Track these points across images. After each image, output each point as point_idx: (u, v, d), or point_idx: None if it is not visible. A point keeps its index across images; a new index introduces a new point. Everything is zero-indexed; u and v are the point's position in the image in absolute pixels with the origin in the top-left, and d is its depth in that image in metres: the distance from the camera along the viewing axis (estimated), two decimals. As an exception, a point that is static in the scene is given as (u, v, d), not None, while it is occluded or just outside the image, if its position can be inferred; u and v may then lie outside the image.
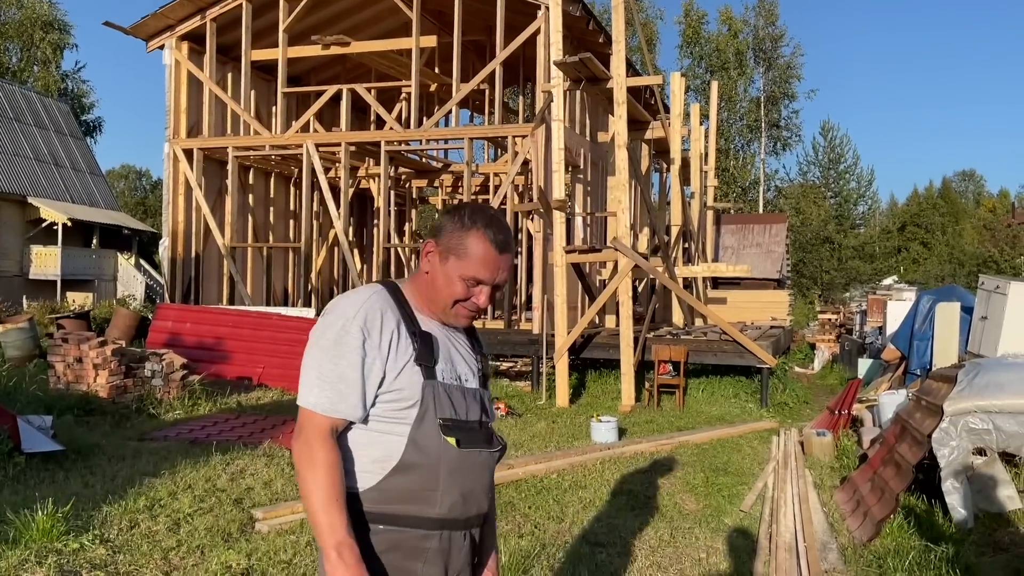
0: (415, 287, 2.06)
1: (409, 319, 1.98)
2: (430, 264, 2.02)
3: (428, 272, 2.02)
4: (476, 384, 2.09)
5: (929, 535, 5.38)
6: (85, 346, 9.78)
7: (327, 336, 1.91)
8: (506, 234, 2.01)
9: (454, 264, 1.97)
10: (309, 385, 1.91)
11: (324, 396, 1.88)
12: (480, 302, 2.01)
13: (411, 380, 1.92)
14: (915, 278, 37.21)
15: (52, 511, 5.00)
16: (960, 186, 63.34)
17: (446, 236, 1.99)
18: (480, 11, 16.92)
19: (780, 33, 44.90)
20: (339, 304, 1.96)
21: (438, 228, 2.04)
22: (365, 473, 1.94)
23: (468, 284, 1.98)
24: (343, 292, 2.10)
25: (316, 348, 1.92)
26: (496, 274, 1.99)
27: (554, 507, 6.17)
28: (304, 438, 1.89)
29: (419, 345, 1.95)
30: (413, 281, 2.07)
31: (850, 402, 9.95)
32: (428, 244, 2.04)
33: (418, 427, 1.92)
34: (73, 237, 27.97)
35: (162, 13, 17.11)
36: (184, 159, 17.30)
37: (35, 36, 39.22)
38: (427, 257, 2.03)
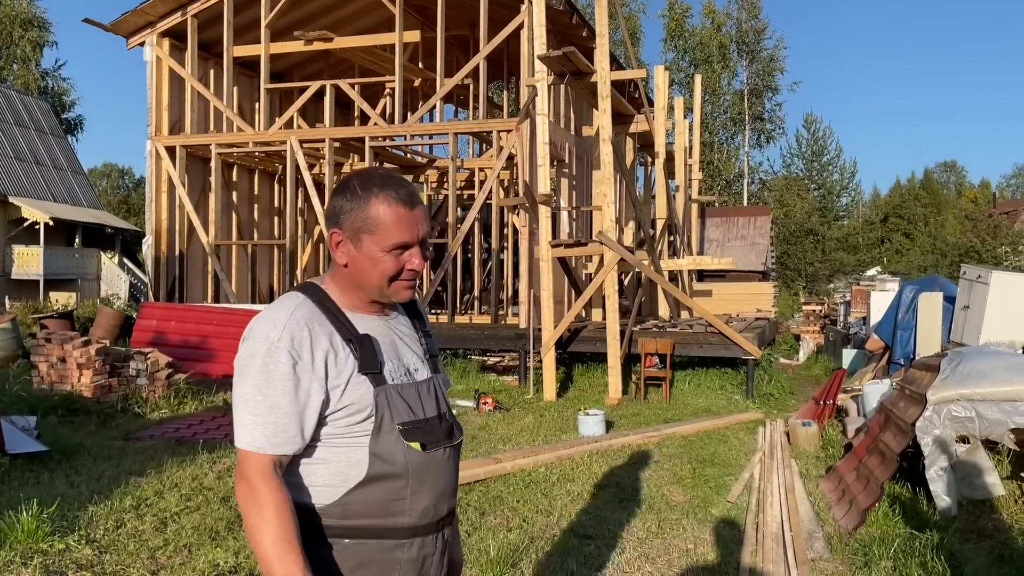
0: (338, 284, 1.88)
1: (341, 325, 1.81)
2: (345, 254, 1.84)
3: (346, 264, 1.84)
4: (427, 371, 1.95)
5: (914, 523, 5.43)
6: (69, 346, 9.72)
7: (252, 366, 1.73)
8: (408, 187, 1.85)
9: (369, 242, 1.81)
10: (242, 424, 1.74)
11: (259, 433, 1.72)
12: (415, 265, 1.85)
13: (360, 392, 1.78)
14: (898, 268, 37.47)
15: (37, 512, 4.97)
16: (942, 177, 63.86)
17: (347, 217, 1.81)
18: (463, 5, 16.88)
19: (763, 26, 45.11)
20: (258, 327, 1.77)
21: (335, 213, 1.84)
22: (326, 487, 1.80)
23: (395, 254, 1.82)
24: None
25: (242, 381, 1.75)
26: (417, 231, 1.83)
27: (542, 500, 6.19)
28: (246, 480, 1.73)
29: (360, 352, 1.80)
30: (333, 278, 1.89)
31: (835, 392, 10.03)
32: (333, 235, 1.84)
33: (376, 438, 1.79)
34: (55, 236, 27.73)
35: (142, 9, 16.96)
36: (167, 157, 17.17)
37: (14, 34, 38.83)
38: (339, 248, 1.84)
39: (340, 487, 1.79)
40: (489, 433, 9.03)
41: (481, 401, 10.67)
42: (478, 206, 15.32)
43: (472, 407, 10.63)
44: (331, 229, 1.85)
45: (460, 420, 7.83)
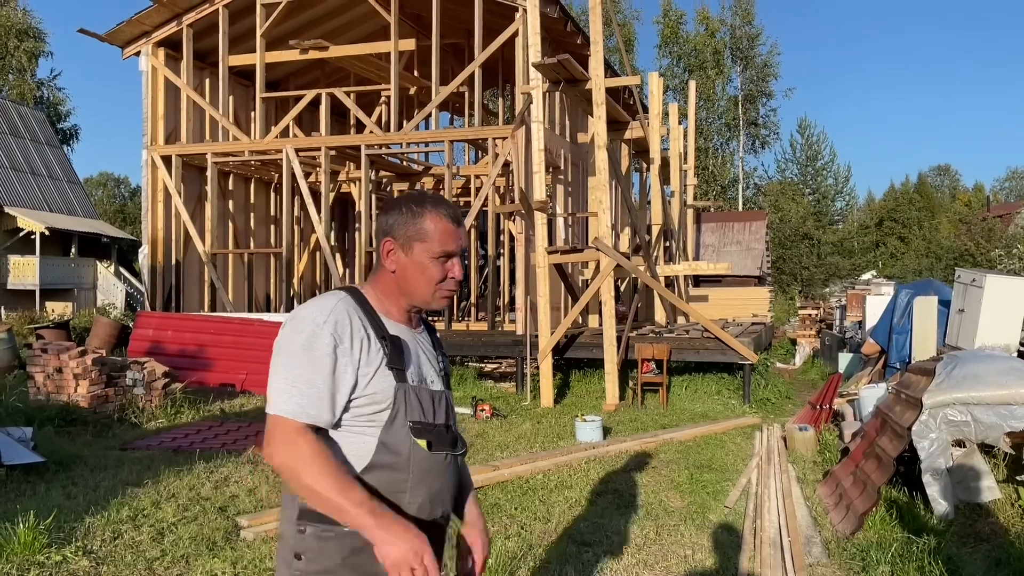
0: (380, 290, 2.06)
1: (377, 324, 1.97)
2: (395, 261, 2.03)
3: (395, 270, 2.03)
4: (440, 386, 2.11)
5: (911, 527, 5.44)
6: (65, 356, 9.70)
7: (296, 341, 1.87)
8: (455, 209, 2.08)
9: (420, 249, 2.00)
10: (278, 391, 1.86)
11: (294, 402, 1.84)
12: (456, 274, 2.04)
13: (383, 384, 1.92)
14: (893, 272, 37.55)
15: (34, 523, 4.96)
16: (936, 181, 64.01)
17: (401, 228, 2.01)
18: (458, 14, 16.92)
19: (757, 32, 45.28)
20: (307, 310, 1.93)
21: (388, 226, 2.04)
22: None
23: (440, 261, 2.01)
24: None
25: (284, 355, 1.89)
26: (459, 244, 2.04)
27: (540, 507, 6.19)
28: (279, 439, 1.84)
29: (390, 349, 1.95)
30: (376, 284, 2.07)
31: (831, 397, 10.05)
32: (386, 243, 2.03)
33: (388, 429, 1.93)
34: (51, 246, 27.69)
35: (138, 19, 16.97)
36: (163, 166, 17.17)
37: (9, 44, 38.84)
38: (390, 256, 2.03)
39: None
40: (486, 440, 9.03)
41: (478, 408, 10.67)
42: (474, 213, 15.33)
43: (470, 414, 10.63)
44: (383, 239, 2.04)
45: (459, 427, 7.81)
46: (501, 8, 15.58)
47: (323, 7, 17.94)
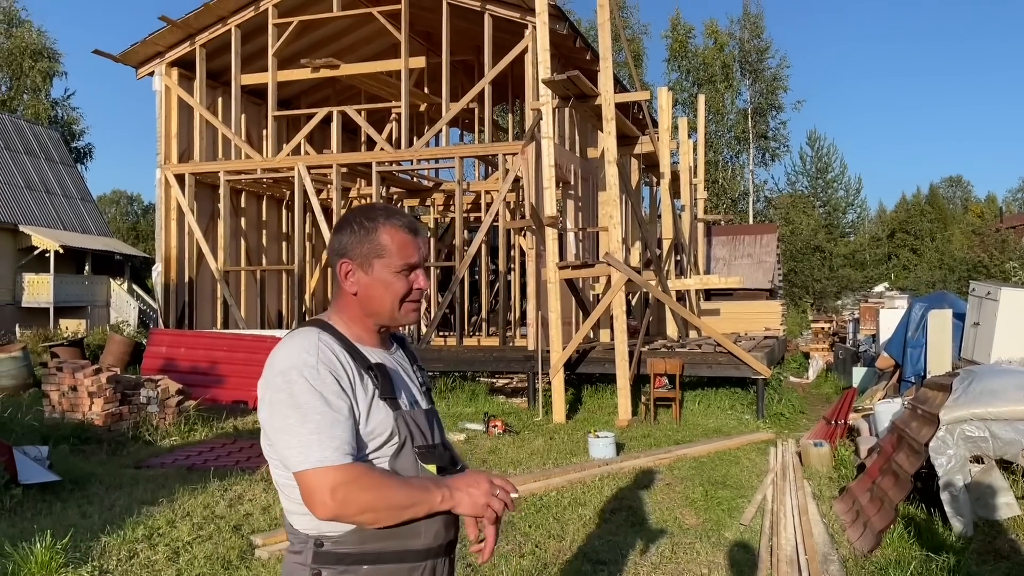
0: (346, 316, 1.96)
1: (358, 355, 1.88)
2: (355, 283, 1.93)
3: (357, 292, 1.93)
4: (426, 403, 2.05)
5: (930, 544, 5.39)
6: (80, 374, 9.75)
7: (299, 389, 1.75)
8: (409, 216, 1.99)
9: (380, 266, 1.91)
10: (306, 445, 1.73)
11: (329, 449, 1.73)
12: (422, 284, 1.96)
13: (380, 417, 1.85)
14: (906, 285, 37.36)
15: (50, 543, 4.98)
16: (948, 192, 63.82)
17: (356, 247, 1.92)
18: (468, 31, 17.04)
19: (766, 45, 45.34)
20: (291, 354, 1.81)
21: (342, 246, 1.94)
22: None
23: (403, 275, 1.93)
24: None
25: (287, 407, 1.75)
26: (421, 253, 1.95)
27: (554, 525, 6.16)
28: (328, 495, 1.72)
29: (380, 380, 1.87)
30: (340, 311, 1.97)
31: (846, 412, 9.99)
32: (343, 265, 1.93)
33: (395, 460, 1.86)
34: (65, 264, 27.91)
35: (151, 40, 17.17)
36: (176, 184, 17.31)
37: (24, 65, 39.31)
38: (348, 278, 1.93)
39: None
40: (499, 457, 9.01)
41: (491, 424, 10.65)
42: (485, 229, 15.37)
43: (482, 430, 10.61)
44: (339, 261, 1.94)
45: (470, 443, 7.79)
46: (510, 25, 15.69)
47: (334, 26, 18.10)
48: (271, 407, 1.78)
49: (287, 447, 1.75)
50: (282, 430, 1.76)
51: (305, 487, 1.74)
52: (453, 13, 16.11)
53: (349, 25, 18.24)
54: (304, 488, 1.75)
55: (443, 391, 13.82)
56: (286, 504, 1.89)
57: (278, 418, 1.77)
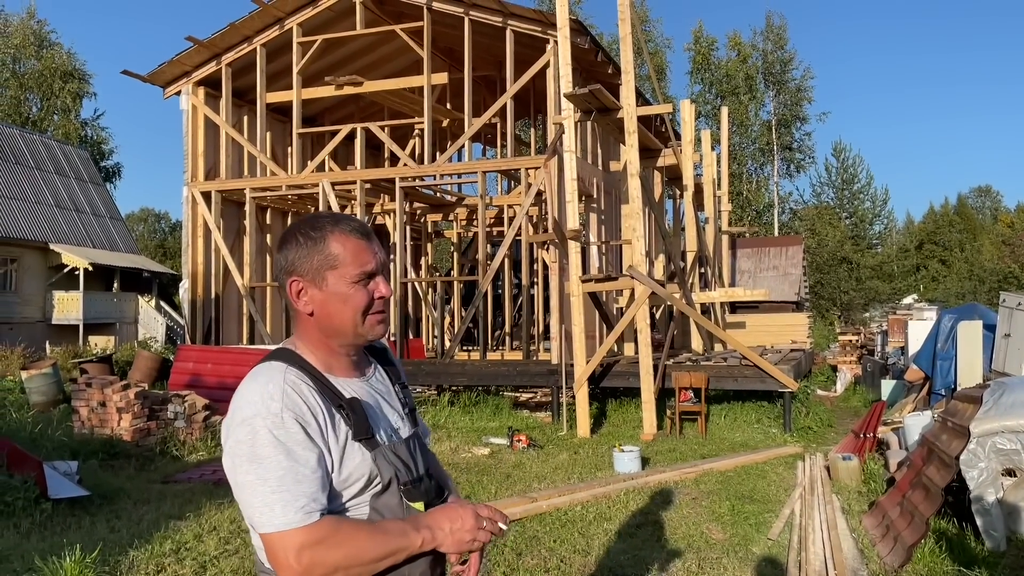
0: (309, 342, 1.79)
1: (327, 390, 1.72)
2: (309, 301, 1.75)
3: (313, 311, 1.76)
4: (408, 428, 1.89)
5: (961, 559, 5.30)
6: (108, 390, 9.88)
7: (261, 443, 1.60)
8: (358, 220, 1.82)
9: (334, 277, 1.74)
10: (269, 506, 1.58)
11: (292, 511, 1.58)
12: (384, 292, 1.79)
13: (355, 461, 1.70)
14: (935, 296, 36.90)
15: (80, 557, 5.03)
16: (976, 202, 62.96)
17: (305, 261, 1.74)
18: (490, 47, 17.15)
19: (789, 56, 45.14)
20: (252, 402, 1.64)
21: (289, 263, 1.76)
22: None
23: (362, 285, 1.75)
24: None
25: (253, 463, 1.60)
26: (377, 259, 1.79)
27: (579, 540, 6.13)
28: (294, 559, 1.57)
29: (353, 418, 1.71)
30: (302, 338, 1.80)
31: (875, 425, 9.85)
32: (293, 284, 1.76)
33: (378, 500, 1.74)
34: (94, 281, 28.32)
35: (178, 60, 17.46)
36: (202, 201, 17.53)
37: (55, 86, 40.10)
38: (299, 297, 1.76)
39: None
40: (523, 471, 8.98)
41: (515, 438, 10.62)
42: (508, 242, 15.40)
43: (506, 444, 10.59)
44: (288, 280, 1.76)
45: (495, 458, 7.75)
46: (532, 40, 15.76)
47: (357, 44, 18.30)
48: (233, 459, 1.63)
49: (249, 506, 1.61)
50: (243, 486, 1.62)
51: (270, 550, 1.61)
52: (475, 29, 16.22)
53: (372, 43, 18.43)
54: (269, 551, 1.62)
55: (467, 405, 13.82)
56: (256, 540, 1.73)
57: (240, 472, 1.62)
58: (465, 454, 10.11)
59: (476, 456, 9.97)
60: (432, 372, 14.50)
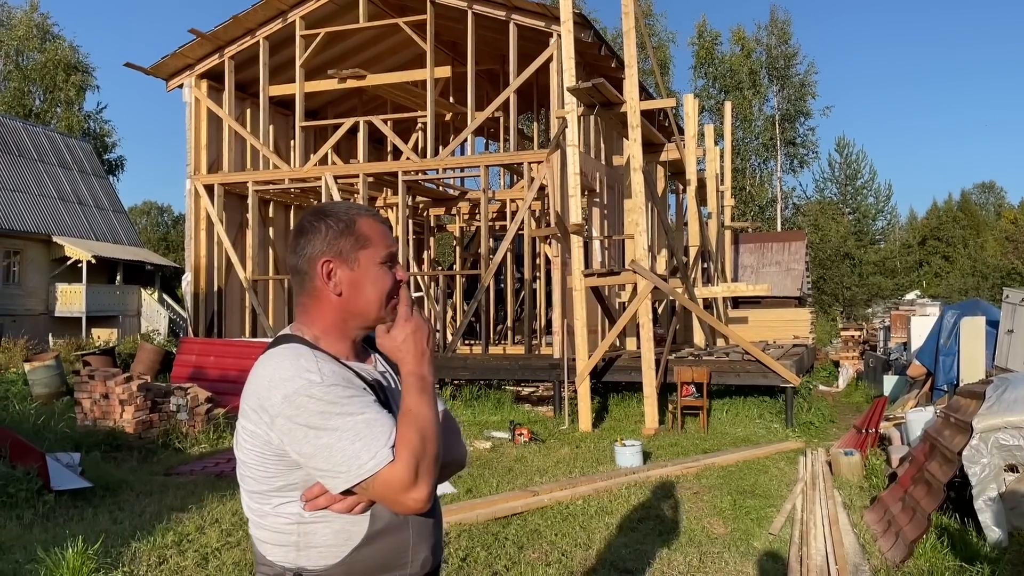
0: (320, 328, 1.77)
1: (351, 371, 1.73)
2: (340, 281, 1.75)
3: (342, 292, 1.76)
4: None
5: (963, 555, 5.29)
6: (111, 382, 9.89)
7: (313, 408, 1.60)
8: (374, 209, 1.86)
9: (366, 257, 1.76)
10: (355, 457, 1.59)
11: (377, 449, 1.60)
12: (402, 275, 1.82)
13: None
14: (938, 292, 36.82)
15: (82, 548, 5.04)
16: (980, 198, 62.79)
17: (336, 243, 1.76)
18: (493, 41, 17.11)
19: (793, 51, 45.01)
20: (287, 376, 1.64)
21: (318, 248, 1.76)
22: (328, 547, 1.69)
23: (387, 267, 1.78)
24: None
25: (319, 429, 1.60)
26: (395, 244, 1.85)
27: (580, 534, 6.13)
28: (408, 480, 1.60)
29: (382, 397, 1.75)
30: (313, 324, 1.78)
31: (877, 420, 9.84)
32: (325, 264, 1.75)
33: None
34: (97, 274, 28.35)
35: (181, 53, 17.44)
36: (205, 195, 17.53)
37: (58, 78, 40.09)
38: (331, 278, 1.75)
39: (343, 546, 1.69)
40: (525, 465, 8.99)
41: (517, 432, 10.64)
42: (510, 237, 15.39)
43: (508, 438, 10.60)
44: (320, 261, 1.75)
45: (497, 452, 7.78)
46: (535, 34, 15.73)
47: (360, 37, 18.27)
48: (297, 431, 1.61)
49: (334, 469, 1.61)
50: (317, 455, 1.61)
51: (381, 492, 1.62)
52: (478, 23, 16.19)
53: (375, 36, 18.40)
54: (380, 494, 1.63)
55: (469, 399, 13.83)
56: (258, 533, 1.74)
57: (307, 445, 1.61)
58: (468, 447, 10.10)
59: (478, 450, 9.99)
60: (434, 366, 14.49)
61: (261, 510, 1.73)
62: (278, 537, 1.71)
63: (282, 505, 1.70)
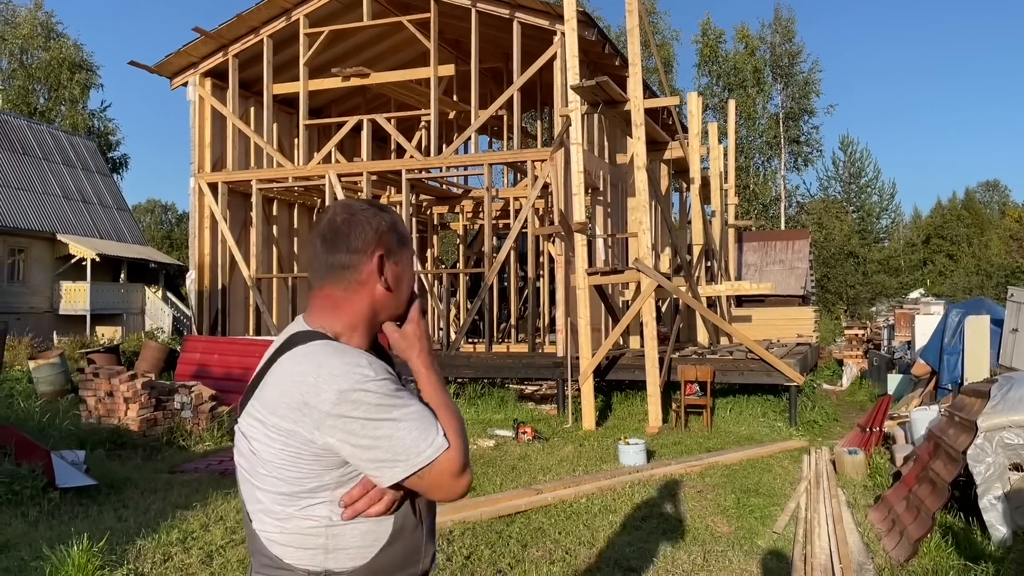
0: (346, 324, 1.77)
1: (384, 368, 1.73)
2: (390, 276, 1.78)
3: (389, 287, 1.78)
4: None
5: (968, 554, 5.29)
6: (116, 380, 9.91)
7: (371, 400, 1.63)
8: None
9: (407, 254, 1.82)
10: (415, 446, 1.63)
11: (434, 435, 1.65)
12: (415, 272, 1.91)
13: None
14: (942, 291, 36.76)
15: (87, 546, 5.05)
16: (984, 197, 62.64)
17: (387, 238, 1.78)
18: (496, 39, 17.10)
19: (797, 49, 44.92)
20: (339, 372, 1.63)
21: (371, 241, 1.77)
22: (357, 549, 1.70)
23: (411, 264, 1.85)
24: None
25: (378, 421, 1.62)
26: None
27: (584, 532, 6.14)
28: (459, 469, 1.67)
29: (416, 392, 1.79)
30: (340, 318, 1.78)
31: (881, 419, 9.83)
32: (380, 257, 1.77)
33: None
34: (101, 272, 28.41)
35: (185, 51, 17.46)
36: (209, 193, 17.55)
37: (62, 77, 40.14)
38: (382, 271, 1.77)
39: (371, 547, 1.70)
40: (529, 463, 9.00)
41: (520, 431, 10.64)
42: (514, 235, 15.38)
43: (511, 437, 10.61)
44: (377, 254, 1.77)
45: (500, 450, 7.80)
46: (539, 32, 15.71)
47: (364, 35, 18.27)
48: (354, 426, 1.62)
49: (394, 457, 1.64)
50: (378, 447, 1.63)
51: (436, 476, 1.66)
52: (482, 21, 16.17)
53: (379, 34, 18.39)
54: (435, 478, 1.66)
55: (472, 397, 13.84)
56: (275, 537, 1.71)
57: (366, 438, 1.63)
58: (471, 446, 10.11)
59: (481, 448, 9.99)
60: (438, 364, 14.50)
61: (284, 512, 1.69)
62: (303, 540, 1.69)
63: (311, 507, 1.68)
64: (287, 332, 1.81)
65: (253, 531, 1.75)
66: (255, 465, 1.72)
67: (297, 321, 1.83)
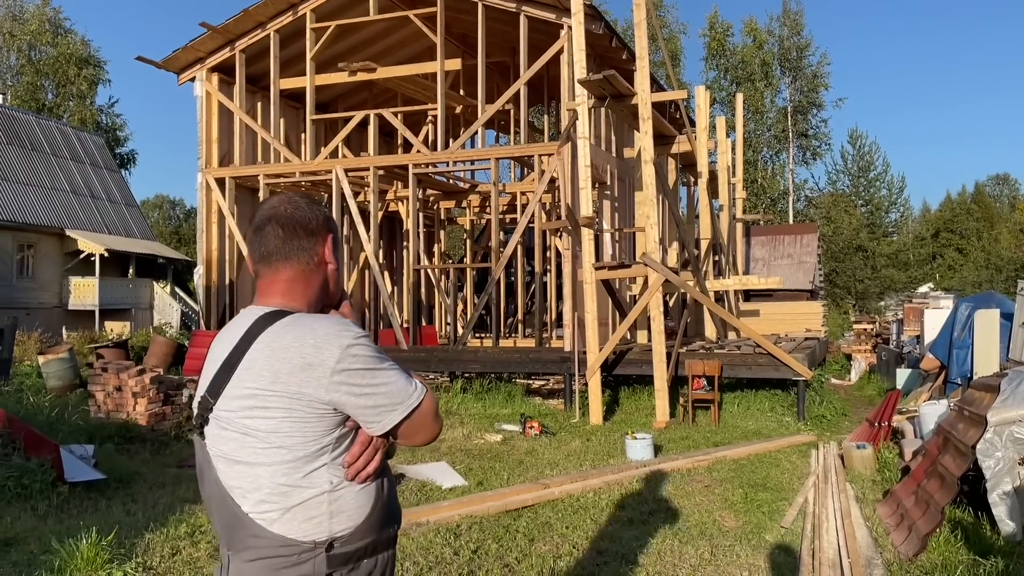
0: (311, 302, 1.93)
1: None
2: (332, 258, 1.97)
3: (335, 266, 1.97)
4: None
5: (977, 548, 5.26)
6: (124, 375, 9.94)
7: (367, 346, 1.78)
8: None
9: (338, 241, 2.01)
10: (403, 386, 1.81)
11: (415, 385, 1.85)
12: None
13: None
14: (951, 285, 36.60)
15: (96, 540, 5.07)
16: (994, 190, 62.28)
17: (328, 224, 1.96)
18: (503, 33, 17.06)
19: (806, 43, 44.66)
20: (332, 331, 1.76)
21: (320, 224, 1.93)
22: (356, 509, 1.80)
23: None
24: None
25: (371, 371, 1.77)
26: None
27: (591, 527, 6.13)
28: (436, 409, 1.89)
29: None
30: (303, 298, 1.91)
31: (890, 414, 9.79)
32: (330, 239, 1.95)
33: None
34: (110, 267, 28.52)
35: (192, 46, 17.48)
36: (216, 188, 17.58)
37: (70, 72, 40.26)
38: (333, 252, 1.96)
39: (366, 505, 1.81)
40: (536, 458, 9.00)
41: (527, 425, 10.64)
42: (521, 230, 15.37)
43: (519, 431, 10.61)
44: (328, 236, 1.94)
45: (507, 444, 7.80)
46: (546, 26, 15.67)
47: (370, 30, 18.26)
48: (349, 382, 1.74)
49: (391, 403, 1.79)
50: (377, 392, 1.78)
51: (423, 417, 1.84)
52: (488, 15, 16.14)
53: (385, 29, 18.38)
54: (423, 418, 1.84)
55: (479, 392, 13.84)
56: (283, 515, 1.74)
57: (366, 386, 1.76)
58: (478, 440, 10.13)
59: (489, 443, 9.99)
60: (445, 359, 14.53)
61: (288, 484, 1.73)
62: (308, 511, 1.74)
63: (313, 474, 1.75)
64: (248, 317, 1.87)
65: (245, 518, 1.75)
66: (251, 443, 1.75)
67: (250, 309, 1.91)
